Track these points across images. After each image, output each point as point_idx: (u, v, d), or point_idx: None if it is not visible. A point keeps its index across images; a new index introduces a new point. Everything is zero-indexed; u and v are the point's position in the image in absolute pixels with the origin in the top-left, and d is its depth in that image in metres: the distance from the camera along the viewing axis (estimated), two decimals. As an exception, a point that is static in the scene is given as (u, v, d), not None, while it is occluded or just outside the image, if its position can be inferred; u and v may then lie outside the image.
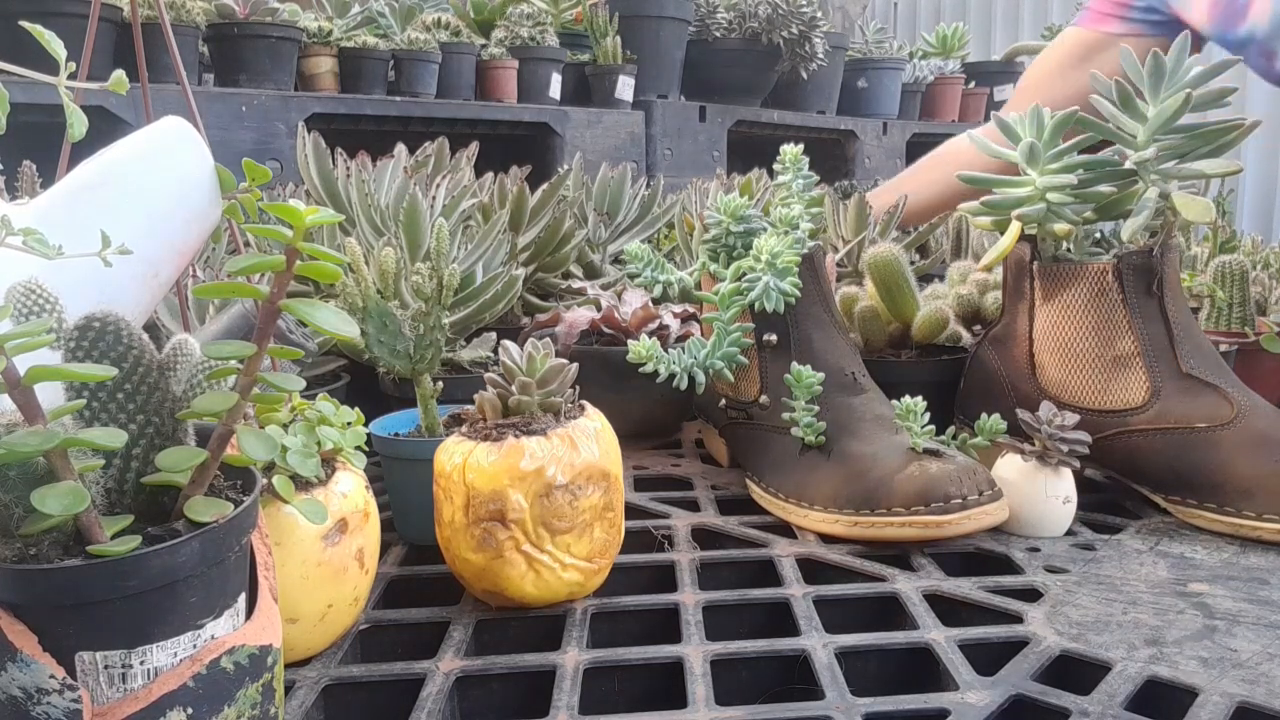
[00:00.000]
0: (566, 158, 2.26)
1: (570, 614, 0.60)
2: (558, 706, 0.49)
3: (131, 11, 0.60)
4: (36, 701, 0.35)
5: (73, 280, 0.42)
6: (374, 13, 2.36)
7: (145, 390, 0.38)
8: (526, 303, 1.09)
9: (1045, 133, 0.74)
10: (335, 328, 0.38)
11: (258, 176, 0.45)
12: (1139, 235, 0.74)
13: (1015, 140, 0.76)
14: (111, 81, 0.47)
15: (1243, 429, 0.70)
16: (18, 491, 0.36)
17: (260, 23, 1.90)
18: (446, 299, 0.68)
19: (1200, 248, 1.32)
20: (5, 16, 1.47)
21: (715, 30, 2.75)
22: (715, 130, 2.68)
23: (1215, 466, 0.70)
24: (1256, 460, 0.68)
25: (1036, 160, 0.74)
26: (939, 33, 3.75)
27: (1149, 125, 0.71)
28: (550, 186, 1.08)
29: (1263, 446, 0.69)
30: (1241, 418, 0.70)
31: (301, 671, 0.53)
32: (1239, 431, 0.70)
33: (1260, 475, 0.68)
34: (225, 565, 0.38)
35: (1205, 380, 0.72)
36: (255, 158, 0.47)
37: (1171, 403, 0.72)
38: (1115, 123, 0.74)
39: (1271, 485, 0.68)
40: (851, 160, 3.18)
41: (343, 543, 0.54)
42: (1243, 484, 0.68)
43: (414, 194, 0.87)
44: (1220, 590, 0.61)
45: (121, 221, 0.46)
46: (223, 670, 0.38)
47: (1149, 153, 0.71)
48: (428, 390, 0.70)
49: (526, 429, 0.58)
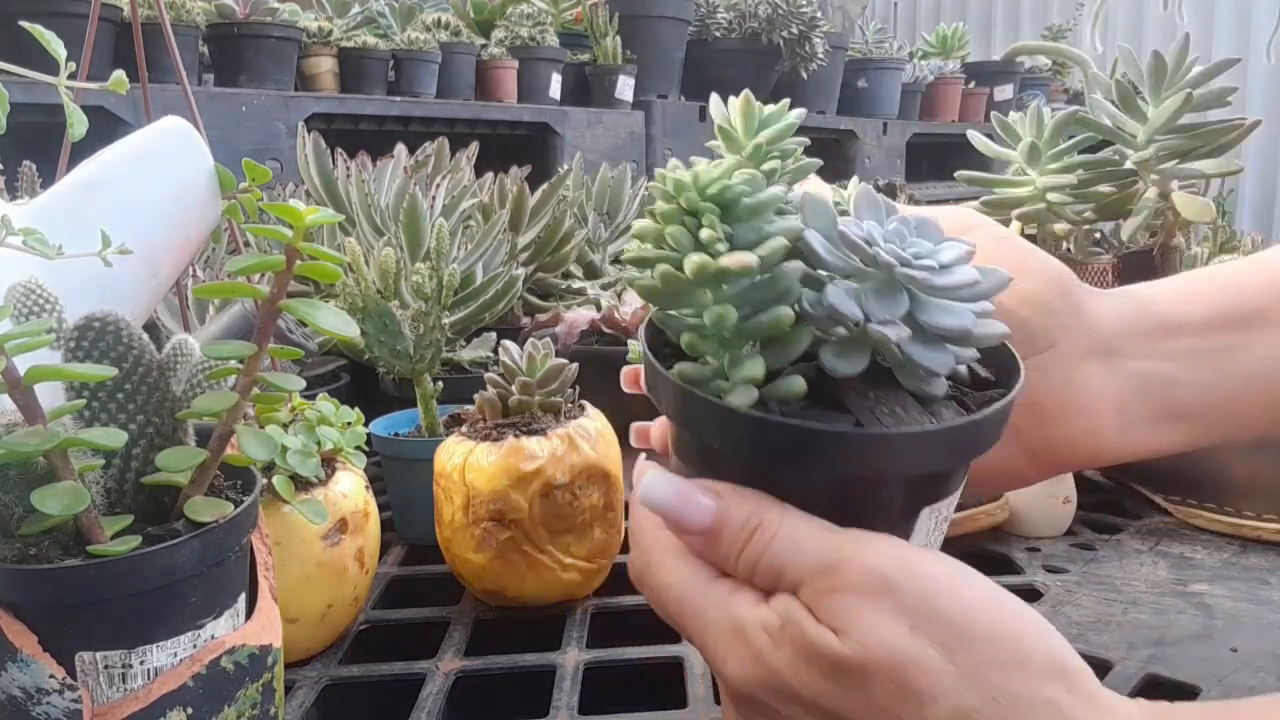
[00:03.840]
0: (566, 158, 2.26)
1: (570, 614, 0.60)
2: (558, 706, 0.49)
3: (131, 11, 0.60)
4: (36, 701, 0.35)
5: (72, 280, 0.42)
6: (374, 13, 2.36)
7: (145, 390, 0.38)
8: (526, 303, 1.09)
9: (1045, 133, 0.74)
10: (335, 328, 0.38)
11: (258, 176, 0.45)
12: (1139, 235, 0.74)
13: (1015, 140, 0.76)
14: (111, 81, 0.47)
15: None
16: (18, 491, 0.36)
17: (260, 23, 1.90)
18: (446, 299, 0.68)
19: (1200, 248, 1.32)
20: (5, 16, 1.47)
21: (715, 30, 2.75)
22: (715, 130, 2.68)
23: (1215, 466, 0.70)
24: (1256, 460, 0.68)
25: (1036, 160, 0.74)
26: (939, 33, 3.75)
27: (1149, 125, 0.71)
28: (550, 186, 1.08)
29: (1263, 446, 0.69)
30: (1241, 418, 0.70)
31: (301, 671, 0.53)
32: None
33: (1260, 475, 0.68)
34: (225, 565, 0.38)
35: (1205, 380, 0.72)
36: (255, 158, 0.47)
37: (1171, 403, 0.72)
38: (1115, 123, 0.74)
39: (1271, 485, 0.68)
40: (852, 160, 3.18)
41: (343, 543, 0.54)
42: (1243, 484, 0.68)
43: (414, 194, 0.87)
44: (1220, 590, 0.60)
45: (121, 221, 0.46)
46: (223, 670, 0.38)
47: (1149, 153, 0.71)
48: (428, 390, 0.70)
49: (526, 429, 0.58)
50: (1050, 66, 3.83)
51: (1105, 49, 1.50)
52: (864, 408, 0.32)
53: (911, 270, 0.31)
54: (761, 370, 0.31)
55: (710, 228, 0.31)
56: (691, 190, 0.31)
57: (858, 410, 0.32)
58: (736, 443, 0.32)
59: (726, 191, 0.31)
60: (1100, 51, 2.18)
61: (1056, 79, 3.90)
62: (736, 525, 0.32)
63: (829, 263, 0.32)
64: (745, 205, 0.31)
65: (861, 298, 0.32)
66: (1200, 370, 0.41)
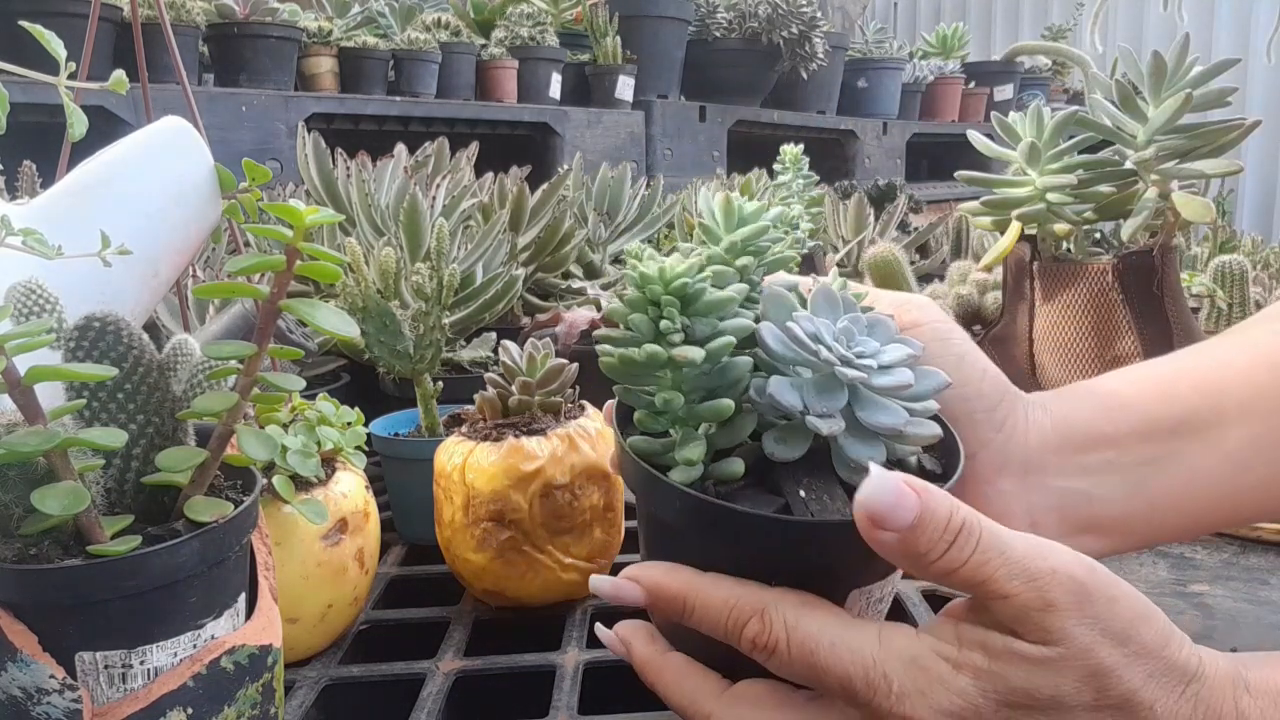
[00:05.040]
0: (566, 158, 2.26)
1: (570, 614, 0.60)
2: (557, 706, 0.49)
3: (131, 11, 0.60)
4: (36, 701, 0.35)
5: (72, 280, 0.42)
6: (374, 13, 2.36)
7: (145, 390, 0.38)
8: (526, 303, 1.09)
9: (1045, 133, 0.74)
10: (335, 328, 0.38)
11: (258, 176, 0.45)
12: (1139, 235, 0.74)
13: (1015, 140, 0.76)
14: (111, 81, 0.47)
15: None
16: (18, 491, 0.36)
17: (260, 23, 1.90)
18: (446, 299, 0.68)
19: (1200, 248, 1.32)
20: (5, 16, 1.47)
21: (715, 30, 2.75)
22: (715, 130, 2.69)
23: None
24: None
25: (1036, 160, 0.74)
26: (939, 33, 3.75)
27: (1149, 125, 0.71)
28: (550, 186, 1.08)
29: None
30: (1241, 418, 0.70)
31: (301, 671, 0.53)
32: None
33: (1260, 475, 0.68)
34: (225, 565, 0.38)
35: (1205, 380, 0.72)
36: (255, 158, 0.46)
37: (1171, 403, 0.72)
38: (1115, 123, 0.73)
39: (1271, 485, 0.67)
40: (851, 160, 3.18)
41: (343, 543, 0.54)
42: (1243, 484, 0.68)
43: (414, 194, 0.87)
44: (1220, 590, 0.60)
45: (121, 221, 0.46)
46: (223, 670, 0.38)
47: (1149, 153, 0.71)
48: (428, 390, 0.70)
49: (526, 429, 0.58)
50: (1050, 66, 3.84)
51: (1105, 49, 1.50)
52: (794, 493, 0.35)
53: (850, 370, 0.34)
54: (700, 453, 0.35)
55: (669, 319, 0.35)
56: (657, 283, 0.35)
57: (789, 495, 0.35)
58: (676, 514, 0.36)
59: (687, 288, 0.35)
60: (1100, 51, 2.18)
61: (1056, 79, 3.90)
62: (940, 523, 0.32)
63: (780, 354, 0.35)
64: (704, 302, 0.35)
65: (804, 390, 0.35)
66: (1117, 485, 0.42)
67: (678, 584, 0.36)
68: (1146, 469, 0.42)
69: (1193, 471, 0.42)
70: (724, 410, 0.35)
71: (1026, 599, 0.31)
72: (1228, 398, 0.42)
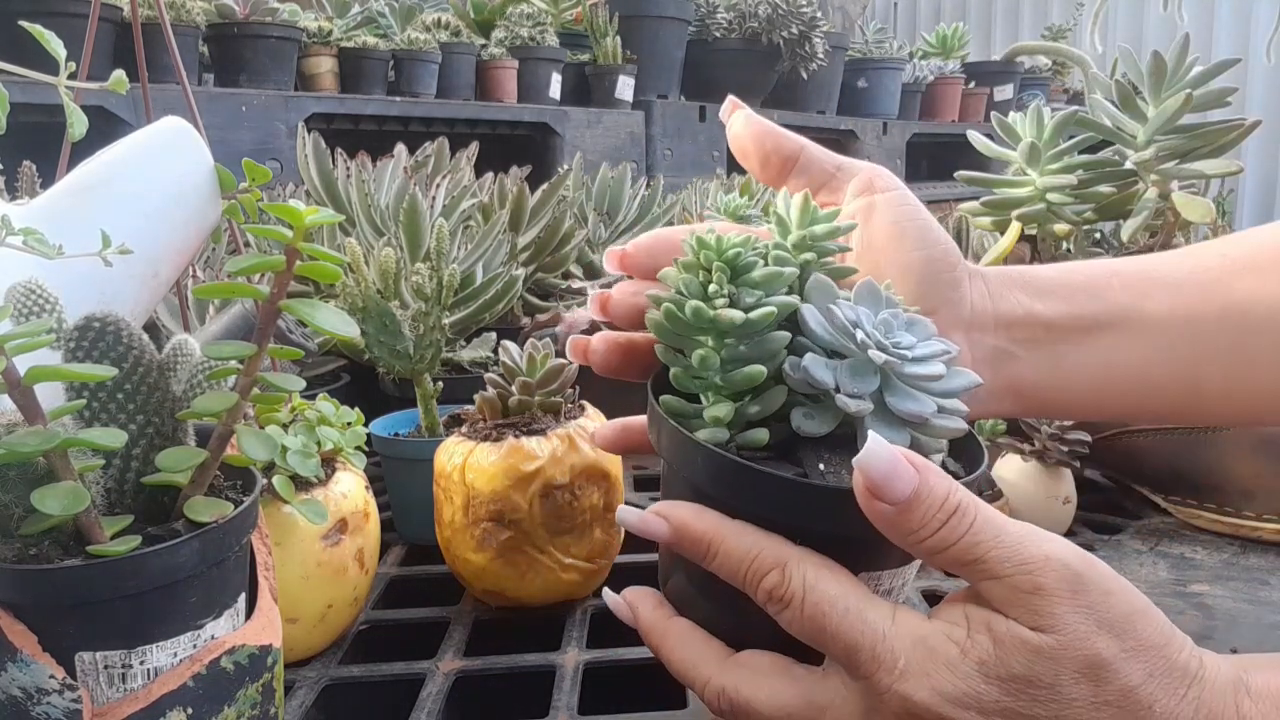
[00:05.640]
0: (566, 158, 2.26)
1: (570, 614, 0.60)
2: (557, 707, 0.49)
3: (131, 11, 0.60)
4: (36, 701, 0.35)
5: (72, 280, 0.42)
6: (374, 13, 2.36)
7: (145, 390, 0.38)
8: (526, 303, 1.09)
9: (1045, 133, 0.74)
10: (335, 328, 0.38)
11: (258, 176, 0.45)
12: (1139, 235, 0.74)
13: (1015, 140, 0.76)
14: (111, 81, 0.47)
15: (1243, 429, 0.70)
16: (18, 491, 0.36)
17: (260, 23, 1.90)
18: (446, 299, 0.68)
19: (1200, 248, 1.32)
20: (5, 16, 1.47)
21: (715, 30, 2.75)
22: (715, 130, 2.68)
23: (1215, 466, 0.70)
24: (1256, 460, 0.68)
25: (1036, 160, 0.74)
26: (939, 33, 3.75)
27: (1149, 125, 0.71)
28: (550, 186, 1.08)
29: (1263, 446, 0.69)
30: (1241, 418, 0.70)
31: (301, 671, 0.53)
32: (1239, 431, 0.70)
33: (1260, 475, 0.68)
34: (225, 565, 0.38)
35: (1205, 380, 0.72)
36: (255, 158, 0.46)
37: (1171, 403, 0.72)
38: (1115, 123, 0.74)
39: (1271, 485, 0.68)
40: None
41: (343, 543, 0.54)
42: (1243, 484, 0.68)
43: (414, 194, 0.87)
44: (1220, 590, 0.60)
45: (121, 221, 0.46)
46: (223, 670, 0.38)
47: (1149, 153, 0.71)
48: (428, 390, 0.70)
49: (526, 429, 0.58)
50: (1050, 66, 3.84)
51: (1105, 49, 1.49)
52: (814, 466, 0.36)
53: (885, 355, 0.35)
54: (727, 411, 0.36)
55: (716, 284, 0.36)
56: (711, 250, 0.37)
57: (808, 466, 0.36)
58: (697, 470, 0.37)
59: (739, 258, 0.36)
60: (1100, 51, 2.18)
61: (1056, 79, 3.90)
62: (936, 501, 0.32)
63: (819, 335, 0.37)
64: (753, 275, 0.37)
65: (837, 370, 0.36)
66: (1039, 358, 0.45)
67: (704, 525, 0.36)
68: (1066, 348, 0.44)
69: (1108, 363, 0.44)
70: (756, 376, 0.36)
71: (1016, 581, 0.31)
72: (1151, 300, 0.45)
